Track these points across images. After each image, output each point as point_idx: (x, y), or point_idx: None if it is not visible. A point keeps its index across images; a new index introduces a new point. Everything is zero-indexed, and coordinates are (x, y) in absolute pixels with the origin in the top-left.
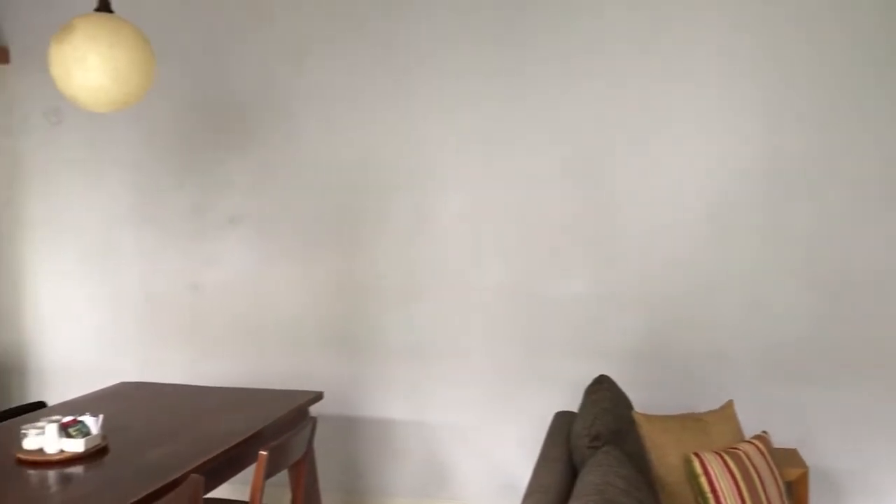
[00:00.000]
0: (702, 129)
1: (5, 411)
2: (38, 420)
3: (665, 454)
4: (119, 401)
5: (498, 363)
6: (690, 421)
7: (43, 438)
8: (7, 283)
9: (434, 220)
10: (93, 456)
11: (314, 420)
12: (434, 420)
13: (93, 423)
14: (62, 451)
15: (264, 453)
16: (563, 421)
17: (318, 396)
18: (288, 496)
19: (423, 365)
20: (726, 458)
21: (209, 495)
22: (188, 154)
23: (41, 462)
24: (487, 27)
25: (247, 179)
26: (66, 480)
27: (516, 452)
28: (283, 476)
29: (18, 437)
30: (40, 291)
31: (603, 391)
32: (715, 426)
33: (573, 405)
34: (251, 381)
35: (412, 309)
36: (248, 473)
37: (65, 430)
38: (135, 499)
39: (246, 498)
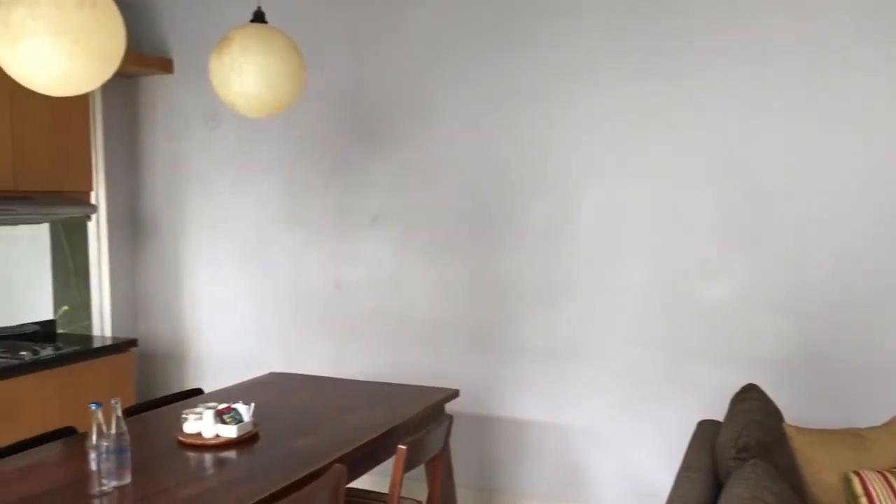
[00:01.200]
0: (866, 122)
1: (167, 396)
2: (196, 406)
3: (819, 471)
4: (268, 390)
5: (637, 366)
6: (849, 436)
7: (201, 423)
8: (169, 277)
9: (574, 219)
10: (245, 442)
11: (451, 417)
12: (569, 422)
13: (245, 410)
14: (217, 436)
15: (403, 447)
16: (707, 430)
17: (454, 394)
18: (424, 491)
19: (560, 366)
20: (891, 478)
21: (349, 485)
22: (333, 156)
23: (199, 445)
24: (632, 26)
25: (388, 179)
26: (220, 464)
27: (654, 460)
28: (419, 471)
29: (180, 421)
30: (198, 286)
31: (751, 401)
32: (877, 443)
33: (716, 414)
34: (388, 376)
35: (550, 309)
36: (386, 466)
37: (220, 416)
38: (282, 485)
39: (384, 490)
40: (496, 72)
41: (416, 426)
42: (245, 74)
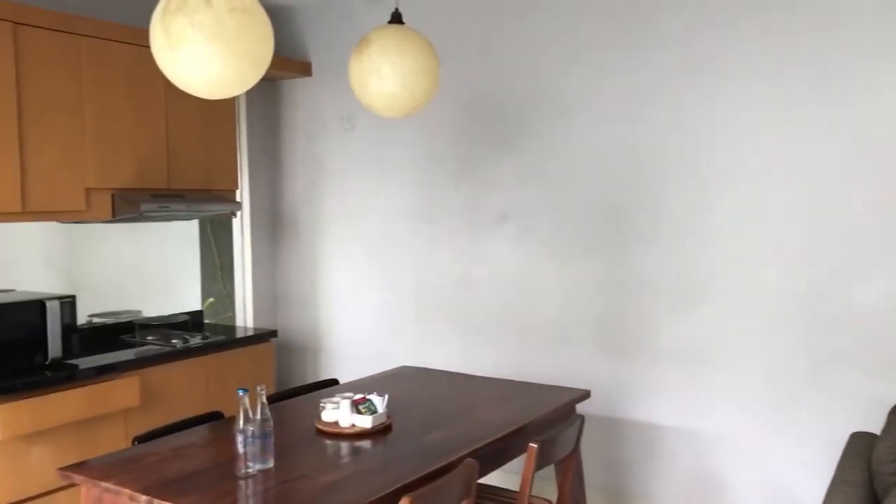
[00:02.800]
0: None
1: (306, 385)
2: (332, 396)
3: None
4: (400, 383)
5: (779, 373)
6: None
7: (337, 413)
8: (306, 272)
9: (712, 218)
10: (379, 432)
11: (582, 418)
12: (705, 428)
13: (379, 402)
14: (353, 426)
15: (534, 445)
16: (861, 443)
17: (585, 395)
18: (553, 491)
19: (695, 369)
20: None
21: (479, 481)
22: (463, 154)
23: (335, 433)
24: (776, 15)
25: (517, 177)
26: (355, 452)
27: (797, 471)
28: (549, 471)
29: (317, 409)
30: (332, 281)
31: None
32: None
33: (868, 426)
34: (515, 374)
35: (685, 310)
36: (515, 464)
37: (356, 406)
38: (415, 476)
39: (513, 488)
40: (630, 67)
41: (547, 425)
42: (383, 75)
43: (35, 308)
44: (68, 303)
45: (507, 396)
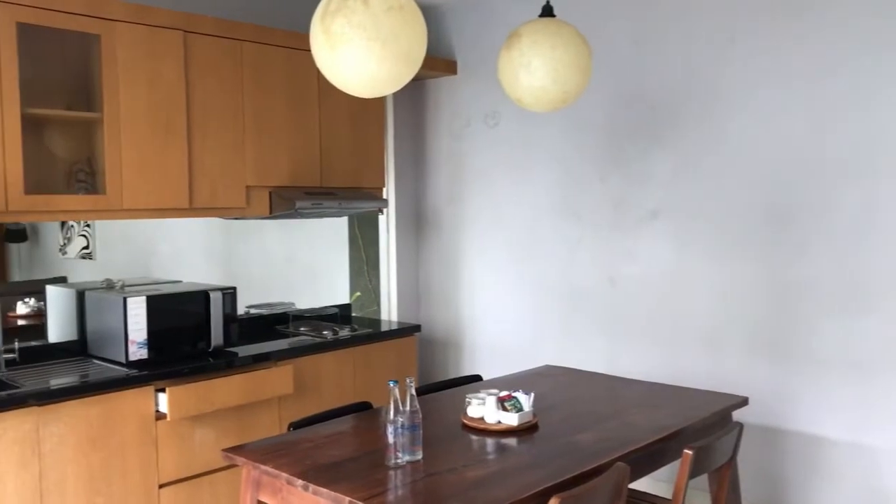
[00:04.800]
0: None
1: (450, 380)
2: (478, 391)
3: None
4: (545, 382)
5: None
6: None
7: (483, 409)
8: (448, 269)
9: (886, 218)
10: (525, 431)
11: (740, 426)
12: (877, 444)
13: (525, 400)
14: (499, 423)
15: (689, 452)
16: None
17: (742, 402)
18: (706, 502)
19: (866, 379)
20: None
21: (629, 486)
22: (611, 148)
23: (481, 429)
24: None
25: (668, 173)
26: (501, 449)
27: None
28: (701, 480)
29: (463, 404)
30: (475, 277)
31: None
32: None
33: None
34: (663, 377)
35: (854, 317)
36: (667, 471)
37: (501, 403)
38: (565, 477)
39: (663, 495)
40: (795, 54)
41: (702, 432)
42: (533, 69)
43: (200, 298)
44: (230, 294)
45: (657, 400)
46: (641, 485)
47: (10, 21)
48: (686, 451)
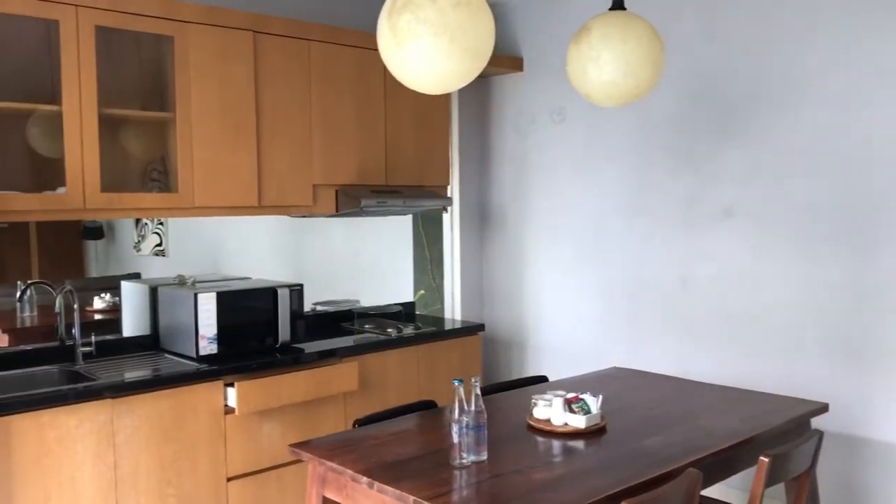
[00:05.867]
0: None
1: (515, 381)
2: (543, 392)
3: None
4: (613, 384)
5: None
6: None
7: (549, 410)
8: (512, 268)
9: None
10: (592, 434)
11: (820, 434)
12: None
13: (593, 402)
14: (566, 425)
15: (765, 459)
16: None
17: (822, 408)
18: None
19: None
20: None
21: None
22: (683, 144)
23: (547, 431)
24: None
25: (745, 169)
26: (568, 452)
27: None
28: (777, 489)
29: (528, 405)
30: (539, 276)
31: None
32: None
33: None
34: (737, 382)
35: None
36: (740, 479)
37: (568, 405)
38: (634, 482)
39: (738, 503)
40: (876, 45)
41: (778, 439)
42: (603, 63)
43: (269, 295)
44: (297, 291)
45: (731, 404)
46: (713, 492)
47: (89, 25)
48: (762, 458)
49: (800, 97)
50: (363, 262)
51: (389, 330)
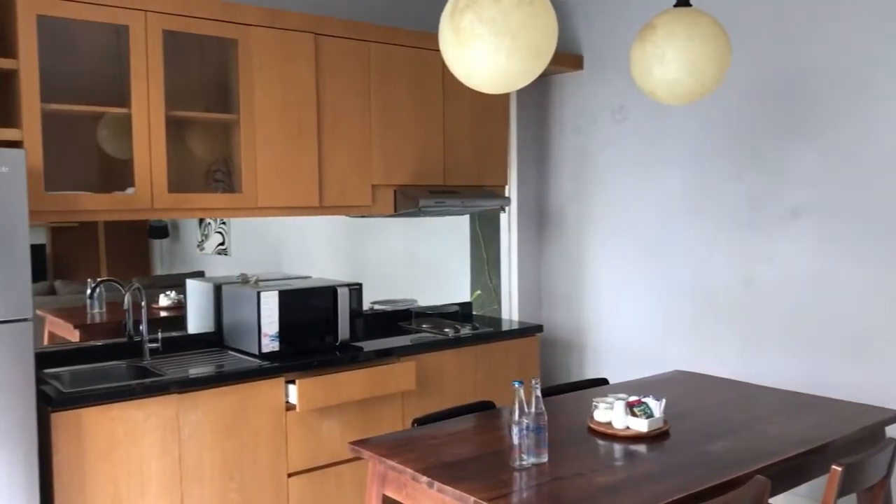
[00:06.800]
0: None
1: (575, 383)
2: (605, 395)
3: None
4: (675, 388)
5: None
6: None
7: (611, 413)
8: (571, 269)
9: None
10: (655, 438)
11: (895, 442)
12: None
13: (656, 406)
14: (628, 428)
15: (838, 468)
16: None
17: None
18: None
19: None
20: None
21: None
22: (748, 143)
23: (609, 434)
24: None
25: (813, 168)
26: (629, 456)
27: None
28: (849, 500)
29: (589, 408)
30: (599, 278)
31: None
32: None
33: None
34: (803, 387)
35: None
36: (808, 488)
37: (630, 408)
38: (699, 488)
39: None
40: None
41: (848, 447)
42: (667, 61)
43: (328, 294)
44: (356, 290)
45: (799, 410)
46: (779, 501)
47: (156, 29)
48: (835, 466)
49: (876, 90)
50: (420, 261)
51: (447, 330)
